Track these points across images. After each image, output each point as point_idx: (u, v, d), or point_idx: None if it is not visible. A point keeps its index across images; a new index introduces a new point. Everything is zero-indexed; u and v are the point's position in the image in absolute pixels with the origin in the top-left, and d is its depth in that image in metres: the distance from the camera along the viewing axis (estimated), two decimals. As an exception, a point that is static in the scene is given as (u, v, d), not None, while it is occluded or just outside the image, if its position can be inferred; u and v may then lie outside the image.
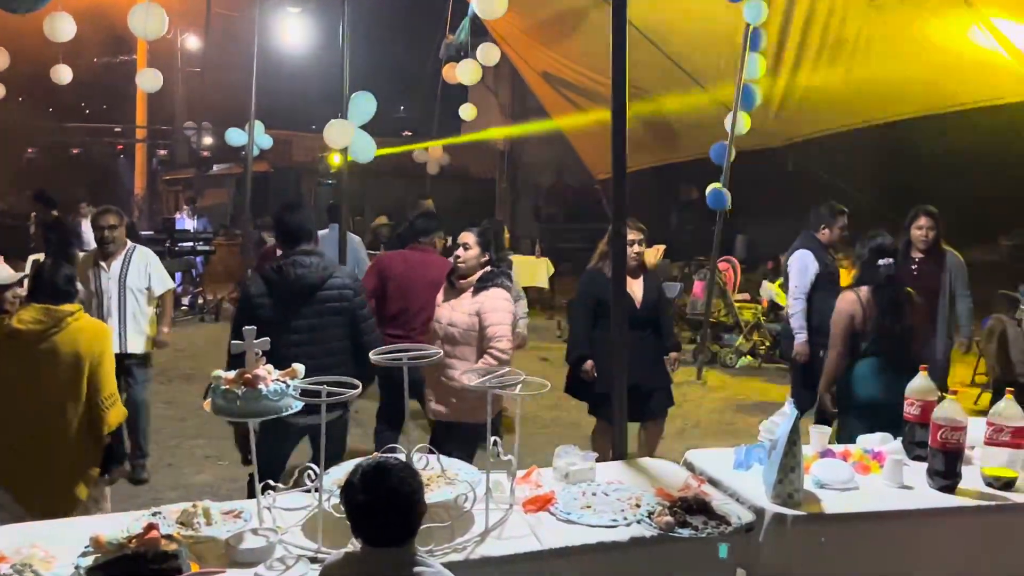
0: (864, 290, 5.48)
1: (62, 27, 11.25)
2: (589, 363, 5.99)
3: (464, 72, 12.82)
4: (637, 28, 9.79)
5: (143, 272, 6.74)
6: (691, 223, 18.17)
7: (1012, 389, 3.93)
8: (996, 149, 13.95)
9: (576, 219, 20.04)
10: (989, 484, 3.83)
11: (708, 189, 8.63)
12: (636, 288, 6.06)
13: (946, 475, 3.81)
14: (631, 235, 5.86)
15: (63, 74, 12.99)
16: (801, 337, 6.93)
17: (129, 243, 6.83)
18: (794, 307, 7.03)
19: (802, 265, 7.06)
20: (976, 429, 3.97)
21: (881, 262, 5.43)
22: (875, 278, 5.45)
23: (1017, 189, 14.09)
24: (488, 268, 5.29)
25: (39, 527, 3.44)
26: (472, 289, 5.21)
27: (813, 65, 9.71)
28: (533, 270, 14.36)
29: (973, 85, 8.99)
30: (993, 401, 5.60)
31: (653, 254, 13.34)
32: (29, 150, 26.68)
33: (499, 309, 5.14)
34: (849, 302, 5.50)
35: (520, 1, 9.99)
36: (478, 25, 12.36)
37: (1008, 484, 3.81)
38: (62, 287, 4.47)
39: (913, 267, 6.87)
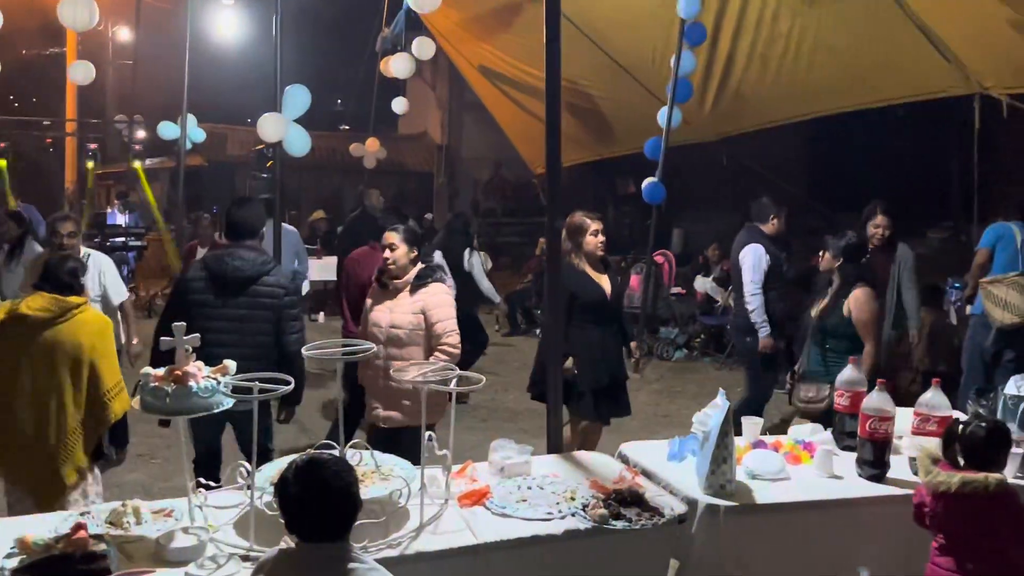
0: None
1: (-11, 19, 10.97)
2: (570, 360, 5.79)
3: (398, 66, 12.75)
4: (573, 23, 9.81)
5: (97, 281, 6.47)
6: (628, 217, 18.28)
7: (938, 379, 4.02)
8: (924, 143, 14.26)
9: (514, 213, 20.08)
10: (916, 473, 3.91)
11: (644, 183, 8.68)
12: (604, 281, 6.00)
13: (875, 464, 3.89)
14: (595, 225, 5.90)
15: (-9, 66, 12.66)
16: (765, 330, 6.96)
17: (84, 249, 6.57)
18: (753, 302, 7.01)
19: (755, 258, 7.08)
20: (904, 419, 4.06)
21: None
22: (866, 276, 5.72)
23: (945, 183, 14.42)
24: (422, 265, 5.24)
25: (-37, 528, 3.36)
26: (409, 288, 5.16)
27: (747, 60, 9.80)
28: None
29: (902, 80, 9.16)
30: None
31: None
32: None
33: (444, 304, 5.11)
34: (874, 297, 5.72)
35: (456, -5, 10.01)
36: (414, 19, 12.31)
37: (934, 472, 3.90)
38: (66, 280, 4.66)
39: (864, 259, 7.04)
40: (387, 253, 5.18)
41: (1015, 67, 8.17)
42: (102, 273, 6.57)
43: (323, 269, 12.78)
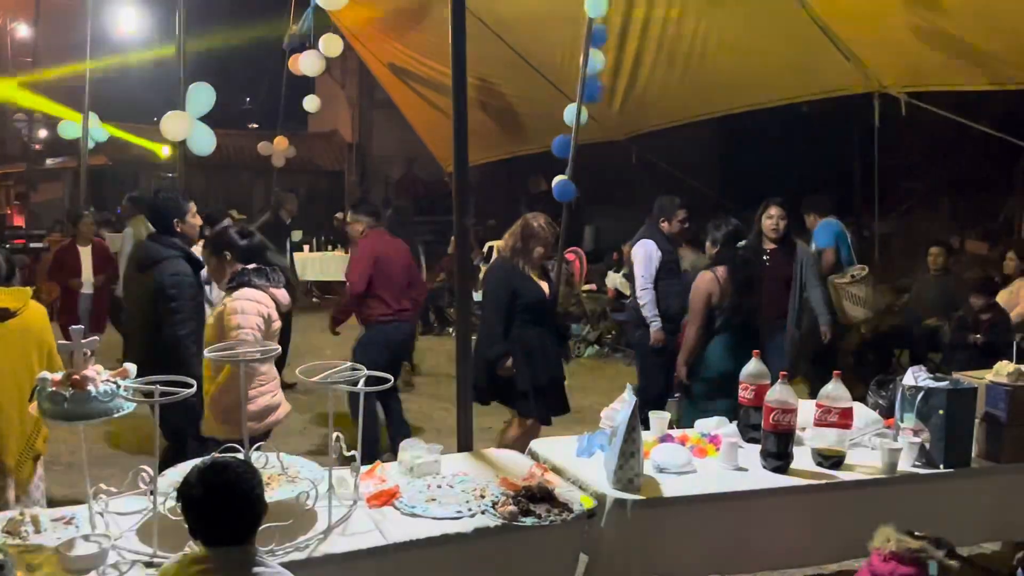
0: (721, 270, 5.83)
1: None
2: (509, 360, 5.80)
3: (307, 63, 12.60)
4: (482, 21, 9.81)
5: None
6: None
7: (839, 371, 4.11)
8: (827, 141, 14.60)
9: (427, 212, 20.00)
10: (819, 463, 4.01)
11: (554, 181, 8.70)
12: (543, 283, 6.05)
13: (779, 456, 3.97)
14: (551, 239, 6.09)
15: None
16: (656, 324, 7.05)
17: None
18: (644, 296, 7.11)
19: (646, 254, 7.19)
20: (806, 411, 4.14)
21: (739, 244, 5.89)
22: (732, 259, 5.83)
23: (848, 179, 14.76)
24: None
25: None
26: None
27: (654, 59, 9.90)
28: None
29: (805, 79, 9.35)
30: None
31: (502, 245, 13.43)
32: None
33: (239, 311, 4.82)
34: (707, 281, 5.84)
35: (364, -9, 9.91)
36: (324, 15, 12.16)
37: (837, 463, 4.00)
38: (8, 272, 4.78)
39: (765, 257, 7.15)
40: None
41: (912, 67, 8.41)
42: None
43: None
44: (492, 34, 10.42)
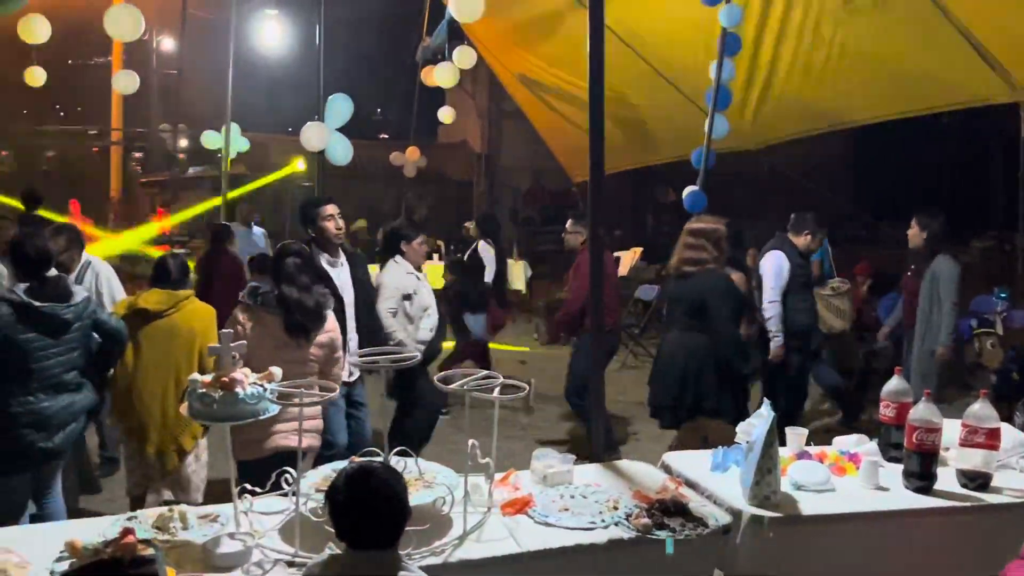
0: None
1: (37, 29, 11.15)
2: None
3: (442, 75, 12.81)
4: (613, 31, 9.81)
5: (93, 290, 6.24)
6: (667, 226, 18.20)
7: (985, 391, 3.96)
8: (968, 151, 14.10)
9: (553, 222, 20.02)
10: (964, 485, 3.87)
11: (685, 192, 8.64)
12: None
13: (921, 476, 3.84)
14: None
15: (38, 76, 12.87)
16: (778, 340, 6.92)
17: (85, 257, 6.44)
18: (770, 310, 6.97)
19: (776, 266, 7.06)
20: (951, 430, 4.00)
21: None
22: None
23: (989, 192, 14.24)
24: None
25: (12, 532, 3.42)
26: None
27: (789, 68, 9.75)
28: (511, 273, 14.36)
29: (946, 88, 9.06)
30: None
31: (631, 257, 13.39)
32: (2, 152, 26.40)
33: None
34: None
35: (496, 4, 9.98)
36: (455, 28, 12.36)
37: (983, 485, 3.85)
38: (176, 275, 5.46)
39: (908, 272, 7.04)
40: None
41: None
42: (99, 279, 6.41)
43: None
44: (622, 45, 10.42)
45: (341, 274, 5.97)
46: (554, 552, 3.26)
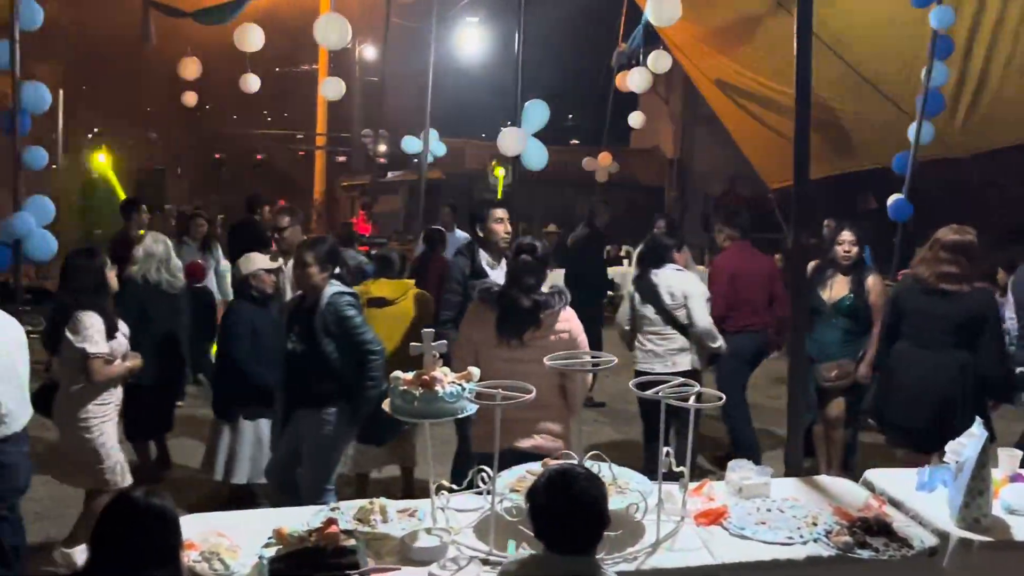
0: None
1: (251, 38, 11.76)
2: None
3: (635, 80, 12.79)
4: (815, 34, 9.53)
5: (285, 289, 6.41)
6: (868, 234, 17.57)
7: None
8: None
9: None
10: None
11: (890, 200, 8.32)
12: None
13: None
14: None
15: (252, 83, 13.59)
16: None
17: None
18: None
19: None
20: None
21: None
22: None
23: None
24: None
25: (222, 517, 3.60)
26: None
27: (1003, 72, 9.25)
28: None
29: None
30: None
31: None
32: (216, 155, 27.97)
33: None
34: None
35: (694, 8, 9.86)
36: (651, 33, 12.31)
37: None
38: (400, 267, 6.39)
39: None
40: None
41: None
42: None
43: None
44: (823, 47, 10.11)
45: (499, 278, 5.96)
46: (750, 565, 3.20)
